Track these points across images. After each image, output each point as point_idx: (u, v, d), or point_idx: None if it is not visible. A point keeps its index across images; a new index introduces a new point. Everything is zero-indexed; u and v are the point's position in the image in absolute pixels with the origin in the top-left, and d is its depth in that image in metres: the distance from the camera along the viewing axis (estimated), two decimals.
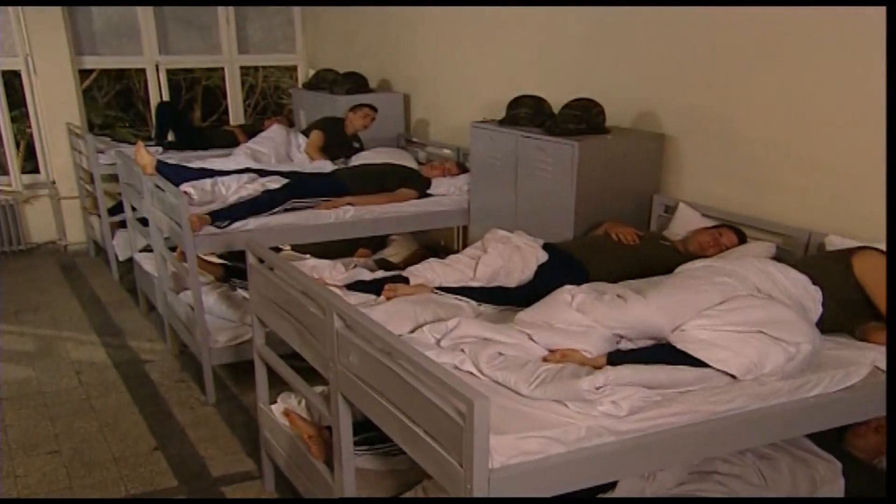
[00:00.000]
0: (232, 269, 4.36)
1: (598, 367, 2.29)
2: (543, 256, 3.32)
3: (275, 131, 5.57)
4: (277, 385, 3.12)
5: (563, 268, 3.28)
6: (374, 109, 5.60)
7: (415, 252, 5.17)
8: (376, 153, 5.45)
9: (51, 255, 6.81)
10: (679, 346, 2.32)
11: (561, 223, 3.79)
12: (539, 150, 3.88)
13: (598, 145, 3.73)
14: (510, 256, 3.27)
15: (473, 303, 2.98)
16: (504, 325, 2.58)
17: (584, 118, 3.82)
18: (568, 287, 2.62)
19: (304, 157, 5.45)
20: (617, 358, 2.32)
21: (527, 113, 4.18)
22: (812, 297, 2.59)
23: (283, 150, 5.46)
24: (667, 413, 2.18)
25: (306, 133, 5.63)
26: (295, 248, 4.88)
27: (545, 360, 2.38)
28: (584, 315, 2.47)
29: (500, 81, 5.02)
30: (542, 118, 4.13)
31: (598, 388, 2.13)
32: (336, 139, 5.56)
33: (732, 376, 2.29)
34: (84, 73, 7.51)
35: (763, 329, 2.33)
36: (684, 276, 2.63)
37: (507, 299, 3.04)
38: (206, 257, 4.40)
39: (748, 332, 2.33)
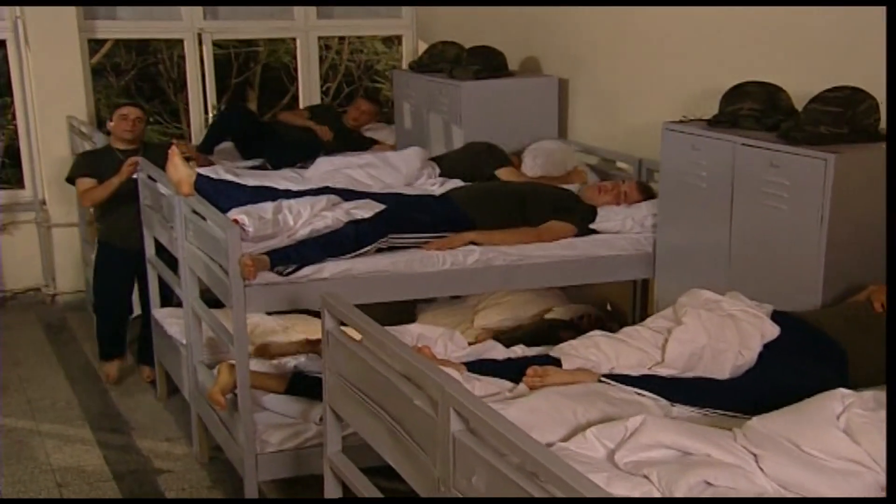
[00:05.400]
0: (303, 381, 4.20)
1: None
2: (773, 332, 3.30)
3: (410, 157, 5.43)
4: None
5: (805, 349, 3.25)
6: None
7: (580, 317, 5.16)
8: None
9: (32, 308, 7.10)
10: None
11: (802, 280, 3.74)
12: (771, 165, 3.85)
13: (866, 159, 3.69)
14: (720, 331, 3.27)
15: (663, 400, 3.00)
16: (716, 431, 2.56)
17: (844, 117, 3.76)
18: (843, 392, 2.61)
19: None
20: None
21: (753, 109, 4.16)
22: None
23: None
24: None
25: (441, 162, 5.55)
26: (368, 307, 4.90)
27: None
28: (852, 442, 2.45)
29: (708, 61, 5.01)
30: (776, 117, 4.11)
31: None
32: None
33: None
34: (93, 46, 7.82)
35: None
36: None
37: (716, 398, 3.03)
38: (262, 369, 4.31)
39: None
